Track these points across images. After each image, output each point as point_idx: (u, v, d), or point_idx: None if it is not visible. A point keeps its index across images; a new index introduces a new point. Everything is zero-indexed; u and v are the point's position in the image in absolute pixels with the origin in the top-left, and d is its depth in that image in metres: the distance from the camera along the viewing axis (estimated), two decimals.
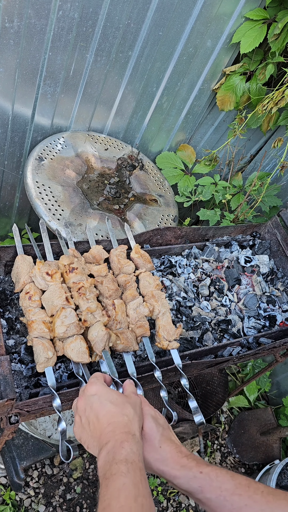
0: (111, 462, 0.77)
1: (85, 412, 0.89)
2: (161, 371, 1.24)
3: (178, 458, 0.86)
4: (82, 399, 0.92)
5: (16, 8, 1.61)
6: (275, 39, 1.94)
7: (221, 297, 1.64)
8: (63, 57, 1.84)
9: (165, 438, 0.90)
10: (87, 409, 0.89)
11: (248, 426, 2.74)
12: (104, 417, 0.86)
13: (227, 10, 1.94)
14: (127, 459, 0.77)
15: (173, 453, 0.87)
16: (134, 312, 1.31)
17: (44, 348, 1.11)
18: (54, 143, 2.10)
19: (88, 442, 0.87)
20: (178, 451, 0.88)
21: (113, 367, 1.12)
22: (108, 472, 0.75)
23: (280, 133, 2.53)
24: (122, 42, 1.89)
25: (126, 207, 2.15)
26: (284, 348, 1.67)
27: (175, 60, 2.08)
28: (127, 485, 0.72)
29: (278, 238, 1.84)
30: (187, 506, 2.43)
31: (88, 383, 0.95)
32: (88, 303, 1.20)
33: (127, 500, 0.70)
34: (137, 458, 0.78)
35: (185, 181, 2.40)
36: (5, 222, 2.63)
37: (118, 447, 0.79)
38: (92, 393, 0.91)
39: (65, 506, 2.20)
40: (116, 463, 0.76)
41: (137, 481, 0.74)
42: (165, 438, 0.90)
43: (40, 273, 1.20)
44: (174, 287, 1.57)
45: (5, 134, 2.07)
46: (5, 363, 1.01)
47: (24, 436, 2.03)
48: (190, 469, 0.84)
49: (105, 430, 0.84)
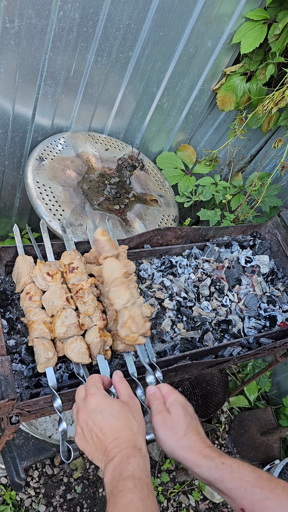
0: (118, 478, 0.76)
1: (87, 426, 0.87)
2: (162, 371, 1.24)
3: (201, 448, 0.88)
4: (83, 412, 0.90)
5: (16, 8, 1.62)
6: (275, 39, 1.95)
7: (222, 297, 1.64)
8: (64, 57, 1.84)
9: (191, 427, 0.91)
10: (89, 423, 0.87)
11: (248, 426, 2.75)
12: (108, 432, 0.84)
13: (228, 10, 1.95)
14: (134, 475, 0.76)
15: (197, 442, 0.89)
16: None
17: (45, 348, 1.11)
18: (55, 143, 2.10)
19: (93, 455, 0.86)
20: (202, 441, 0.89)
21: (107, 373, 1.12)
22: (115, 489, 0.75)
23: (280, 133, 2.53)
24: (123, 42, 1.89)
25: (126, 207, 2.15)
26: (284, 348, 1.67)
27: (176, 61, 2.08)
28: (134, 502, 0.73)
29: (279, 238, 1.84)
30: (187, 506, 2.43)
31: (88, 394, 0.92)
32: (86, 306, 1.20)
33: None
34: (144, 473, 0.78)
35: (185, 181, 2.40)
36: (5, 222, 2.63)
37: (125, 463, 0.78)
38: (93, 407, 0.88)
39: (66, 506, 2.21)
40: (123, 479, 0.76)
41: (144, 496, 0.74)
42: (191, 427, 0.91)
43: (40, 273, 1.20)
44: (175, 287, 1.58)
45: (6, 134, 2.07)
46: (6, 363, 1.01)
47: (25, 436, 2.04)
48: (212, 459, 0.86)
49: (110, 446, 0.83)
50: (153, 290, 1.54)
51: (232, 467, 0.84)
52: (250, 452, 2.68)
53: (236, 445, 2.72)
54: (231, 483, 0.82)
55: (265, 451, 2.66)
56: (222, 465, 0.84)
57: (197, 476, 0.87)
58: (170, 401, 0.97)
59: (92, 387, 0.93)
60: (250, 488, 0.81)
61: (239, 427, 2.76)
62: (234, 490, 0.82)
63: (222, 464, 0.85)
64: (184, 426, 0.91)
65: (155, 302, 1.50)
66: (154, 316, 1.46)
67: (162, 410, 0.94)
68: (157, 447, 2.52)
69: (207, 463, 0.85)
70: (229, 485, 0.83)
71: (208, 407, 2.57)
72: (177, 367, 1.30)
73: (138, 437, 0.85)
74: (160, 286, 1.56)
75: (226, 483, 0.83)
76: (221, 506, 2.50)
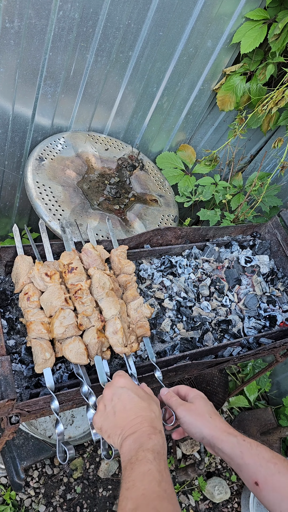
0: (138, 449, 0.82)
1: (112, 402, 0.93)
2: (162, 371, 1.24)
3: (225, 427, 0.98)
4: (109, 388, 0.96)
5: (16, 8, 1.62)
6: (275, 39, 1.94)
7: (222, 297, 1.64)
8: (64, 57, 1.84)
9: (214, 413, 1.02)
10: (114, 399, 0.93)
11: (248, 426, 2.74)
12: (132, 409, 0.91)
13: (228, 10, 1.94)
14: (154, 449, 0.82)
15: (222, 424, 0.99)
16: (135, 312, 1.31)
17: (42, 349, 1.11)
18: (55, 143, 2.10)
19: (110, 431, 0.91)
20: (225, 424, 1.00)
21: (103, 374, 1.12)
22: (134, 457, 0.81)
23: (280, 133, 2.53)
24: (123, 42, 1.89)
25: (126, 207, 2.15)
26: (284, 348, 1.67)
27: (176, 60, 2.08)
28: (152, 470, 0.78)
29: (278, 238, 1.84)
30: (187, 506, 2.43)
31: (117, 375, 0.99)
32: (84, 306, 1.20)
33: (151, 484, 0.76)
34: (162, 450, 0.84)
35: (185, 181, 2.40)
36: (5, 222, 2.63)
37: (146, 438, 0.85)
38: (121, 385, 0.96)
39: (66, 506, 2.20)
40: (143, 450, 0.81)
41: (161, 468, 0.79)
42: (214, 413, 1.02)
43: (39, 274, 1.19)
44: (175, 287, 1.58)
45: (6, 134, 2.07)
46: (6, 363, 1.01)
47: (25, 436, 2.03)
48: (235, 436, 0.96)
49: (133, 422, 0.88)
50: (153, 290, 1.54)
51: (251, 444, 0.93)
52: None
53: None
54: (249, 458, 0.91)
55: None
56: (243, 442, 0.94)
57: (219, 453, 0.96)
58: (192, 396, 1.06)
59: (120, 371, 1.03)
60: (265, 463, 0.89)
61: (239, 427, 2.76)
62: (251, 465, 0.91)
63: (243, 441, 0.94)
64: (208, 412, 1.01)
65: (155, 302, 1.50)
66: (154, 316, 1.46)
67: (184, 403, 1.03)
68: None
69: (231, 439, 0.95)
70: (247, 460, 0.91)
71: None
72: (177, 367, 1.30)
73: (158, 421, 0.91)
74: (160, 286, 1.56)
75: (245, 459, 0.91)
76: (221, 506, 2.50)
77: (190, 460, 2.59)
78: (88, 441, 2.34)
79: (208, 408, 1.02)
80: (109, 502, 2.28)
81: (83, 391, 1.08)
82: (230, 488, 2.57)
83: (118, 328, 1.19)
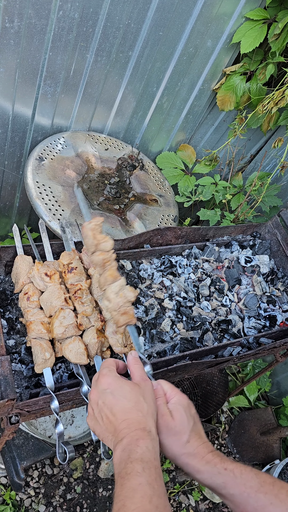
0: (126, 460, 0.77)
1: (98, 406, 0.88)
2: (162, 371, 1.24)
3: (204, 454, 0.86)
4: (94, 392, 0.91)
5: (16, 8, 1.61)
6: (275, 39, 1.94)
7: (222, 297, 1.64)
8: (64, 57, 1.84)
9: (194, 433, 0.89)
10: (100, 403, 0.88)
11: (248, 426, 2.74)
12: (119, 413, 0.85)
13: (227, 10, 1.94)
14: (143, 458, 0.76)
15: (200, 448, 0.87)
16: (117, 296, 1.09)
17: (42, 349, 1.11)
18: (54, 143, 2.10)
19: (103, 435, 0.87)
20: (204, 446, 0.88)
21: None
22: (123, 471, 0.76)
23: (280, 133, 2.53)
24: (123, 42, 1.89)
25: (126, 207, 2.15)
26: (284, 348, 1.67)
27: (175, 60, 2.07)
28: (142, 485, 0.73)
29: (279, 238, 1.84)
30: (187, 506, 2.43)
31: (100, 375, 0.92)
32: (84, 306, 1.19)
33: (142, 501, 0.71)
34: (152, 456, 0.78)
35: (185, 181, 2.40)
36: (5, 222, 2.63)
37: (134, 445, 0.79)
38: (104, 387, 0.89)
39: (65, 506, 2.20)
40: (131, 462, 0.76)
41: (152, 480, 0.74)
42: (194, 433, 0.89)
43: (38, 274, 1.19)
44: (175, 287, 1.58)
45: (5, 134, 2.07)
46: (6, 363, 1.01)
47: (25, 436, 2.03)
48: (214, 465, 0.84)
49: (120, 427, 0.83)
50: (152, 290, 1.54)
51: (234, 472, 0.83)
52: (250, 452, 2.68)
53: (236, 445, 2.72)
54: (234, 488, 0.81)
55: (265, 451, 2.66)
56: (224, 471, 0.83)
57: (199, 482, 0.87)
58: (173, 402, 0.94)
59: (104, 369, 0.93)
60: (254, 494, 0.79)
61: (239, 427, 2.76)
62: (237, 496, 0.81)
63: (224, 470, 0.83)
64: (188, 431, 0.89)
65: (155, 302, 1.50)
66: (154, 316, 1.46)
67: (165, 414, 0.91)
68: None
69: (209, 469, 0.84)
70: (231, 491, 0.81)
71: (208, 407, 2.56)
72: (177, 367, 1.30)
73: (148, 419, 0.84)
74: (160, 286, 1.56)
75: (229, 489, 0.82)
76: (221, 506, 2.50)
77: None
78: (88, 441, 2.34)
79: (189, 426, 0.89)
80: (109, 502, 2.28)
81: (83, 391, 1.08)
82: None
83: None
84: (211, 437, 2.73)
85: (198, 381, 2.73)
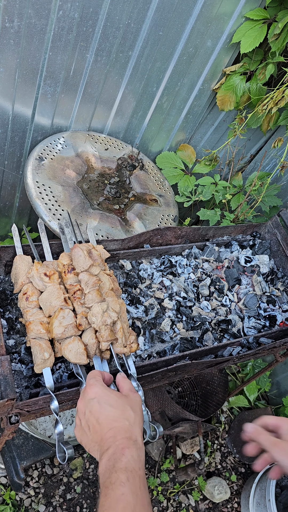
0: (111, 470, 0.77)
1: (85, 416, 0.88)
2: (162, 371, 1.24)
3: None
4: (82, 402, 0.91)
5: (16, 8, 1.61)
6: (275, 39, 1.94)
7: (221, 297, 1.64)
8: (63, 57, 1.84)
9: None
10: (87, 413, 0.88)
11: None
12: (105, 421, 0.85)
13: (227, 10, 1.94)
14: (127, 468, 0.77)
15: None
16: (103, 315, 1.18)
17: (41, 349, 1.11)
18: (54, 143, 2.10)
19: (89, 446, 0.87)
20: None
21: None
22: (108, 481, 0.76)
23: (280, 133, 2.53)
24: (122, 42, 1.89)
25: (126, 207, 2.15)
26: (284, 348, 1.67)
27: (175, 60, 2.07)
28: (125, 495, 0.73)
29: (278, 238, 1.84)
30: (187, 506, 2.43)
31: (87, 385, 0.94)
32: (83, 307, 1.19)
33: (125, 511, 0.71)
34: (137, 465, 0.79)
35: (185, 181, 2.40)
36: (5, 222, 2.63)
37: (119, 454, 0.79)
38: (91, 396, 0.90)
39: (65, 506, 2.20)
40: (116, 471, 0.76)
41: (136, 489, 0.74)
42: None
43: (37, 274, 1.19)
44: (174, 287, 1.58)
45: (5, 134, 2.07)
46: (6, 363, 1.01)
47: (24, 436, 2.03)
48: None
49: (106, 436, 0.83)
50: (152, 290, 1.54)
51: None
52: None
53: (236, 445, 2.72)
54: None
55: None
56: None
57: None
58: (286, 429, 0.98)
59: (91, 379, 0.95)
60: None
61: (239, 427, 2.76)
62: None
63: None
64: None
65: (155, 301, 1.50)
66: (153, 316, 1.46)
67: (277, 443, 0.94)
68: (157, 446, 2.52)
69: None
70: None
71: (208, 407, 2.56)
72: (177, 367, 1.30)
73: (134, 428, 0.85)
74: (159, 286, 1.56)
75: None
76: (220, 506, 2.50)
77: (190, 460, 2.59)
78: None
79: None
80: None
81: None
82: (230, 488, 2.57)
83: (118, 328, 1.19)
84: (211, 437, 2.74)
85: (198, 381, 2.73)
